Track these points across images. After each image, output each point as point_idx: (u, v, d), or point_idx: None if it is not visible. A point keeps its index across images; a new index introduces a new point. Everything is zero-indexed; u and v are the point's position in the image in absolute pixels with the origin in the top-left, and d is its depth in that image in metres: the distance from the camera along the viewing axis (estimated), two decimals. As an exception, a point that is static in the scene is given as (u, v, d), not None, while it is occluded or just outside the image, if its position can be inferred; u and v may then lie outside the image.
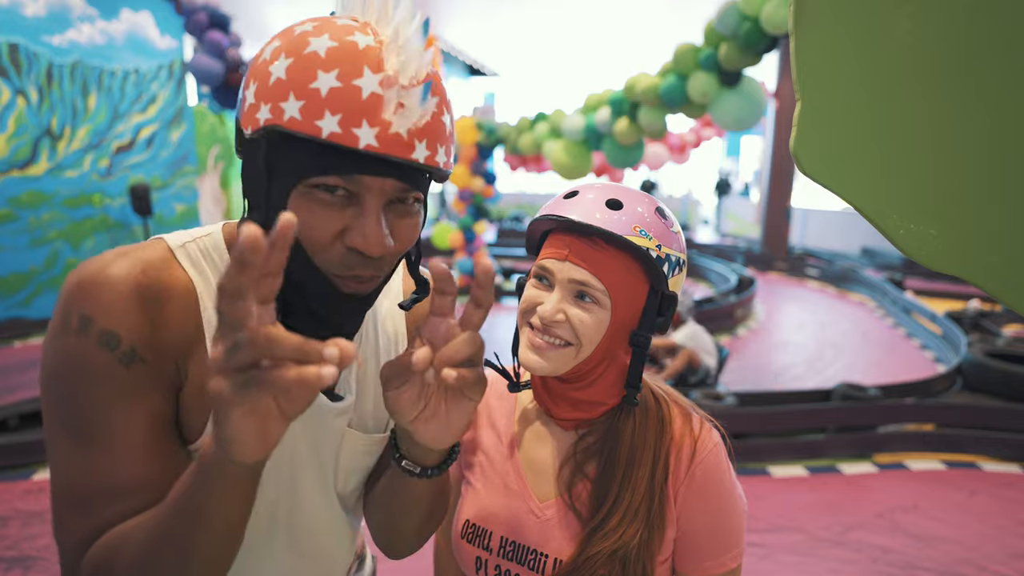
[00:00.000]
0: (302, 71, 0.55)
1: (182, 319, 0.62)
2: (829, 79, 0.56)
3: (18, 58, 5.18)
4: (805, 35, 0.56)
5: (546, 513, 0.78)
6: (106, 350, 0.58)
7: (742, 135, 16.85)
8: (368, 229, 0.57)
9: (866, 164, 0.57)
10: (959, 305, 6.64)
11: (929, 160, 0.55)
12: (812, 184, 0.73)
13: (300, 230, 0.58)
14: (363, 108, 0.55)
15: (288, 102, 0.54)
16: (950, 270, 0.56)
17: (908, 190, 0.56)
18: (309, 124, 0.54)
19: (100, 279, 0.59)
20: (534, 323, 0.74)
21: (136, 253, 0.62)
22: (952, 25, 0.52)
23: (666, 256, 0.73)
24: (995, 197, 0.54)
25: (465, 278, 7.25)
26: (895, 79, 0.55)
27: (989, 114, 0.53)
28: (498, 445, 0.85)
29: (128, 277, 0.59)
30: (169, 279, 0.62)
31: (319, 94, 0.54)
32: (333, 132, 0.54)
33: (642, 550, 0.72)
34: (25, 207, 5.34)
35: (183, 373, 0.63)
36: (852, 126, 0.57)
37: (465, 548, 0.82)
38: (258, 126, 0.56)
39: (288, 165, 0.57)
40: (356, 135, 0.54)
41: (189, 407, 0.64)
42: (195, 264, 0.64)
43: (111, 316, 0.58)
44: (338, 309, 0.62)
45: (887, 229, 0.57)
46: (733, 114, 4.02)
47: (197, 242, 0.66)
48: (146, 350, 0.60)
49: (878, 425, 3.47)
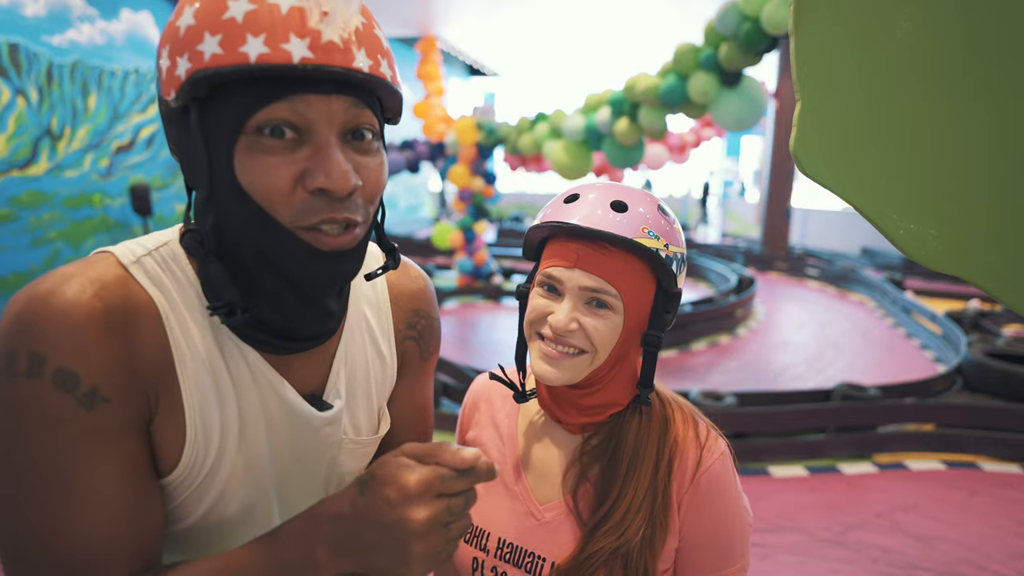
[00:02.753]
0: (211, 8, 0.50)
1: (148, 345, 0.55)
2: (829, 79, 0.56)
3: (18, 58, 5.18)
4: (805, 35, 0.56)
5: (546, 516, 0.78)
6: (63, 392, 0.50)
7: (742, 135, 16.85)
8: (329, 164, 0.52)
9: (866, 164, 0.57)
10: (959, 305, 6.64)
11: (929, 160, 0.55)
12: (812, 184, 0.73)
13: (254, 187, 0.52)
14: (286, 22, 0.50)
15: (204, 42, 0.50)
16: (950, 270, 0.56)
17: (908, 190, 0.56)
18: (233, 53, 0.49)
19: (49, 308, 0.50)
20: (545, 333, 0.73)
21: (86, 274, 0.53)
22: (952, 25, 0.52)
23: (673, 254, 0.72)
24: (995, 197, 0.54)
25: (465, 278, 7.25)
26: (895, 79, 0.55)
27: (989, 114, 0.53)
28: (499, 445, 0.85)
29: (81, 303, 0.51)
30: (128, 301, 0.54)
31: (235, 22, 0.49)
32: (261, 53, 0.49)
33: (644, 549, 0.71)
34: (25, 207, 5.34)
35: (153, 404, 0.56)
36: (852, 126, 0.57)
37: (461, 548, 0.81)
38: (180, 83, 0.51)
39: (223, 119, 0.52)
40: (287, 51, 0.49)
41: (161, 438, 0.57)
42: (154, 280, 0.57)
43: (66, 352, 0.50)
44: (323, 273, 0.56)
45: (887, 229, 0.57)
46: (733, 114, 4.02)
47: (152, 255, 0.58)
48: (110, 388, 0.52)
49: (878, 425, 3.47)
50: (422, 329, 0.78)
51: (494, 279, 7.45)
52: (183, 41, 0.51)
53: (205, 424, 0.59)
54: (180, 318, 0.58)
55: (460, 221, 7.33)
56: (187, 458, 0.58)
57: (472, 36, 11.68)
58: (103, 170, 5.97)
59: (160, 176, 6.57)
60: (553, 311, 0.72)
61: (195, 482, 0.60)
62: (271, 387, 0.63)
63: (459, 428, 0.92)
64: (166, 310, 0.57)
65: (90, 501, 0.52)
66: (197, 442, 0.58)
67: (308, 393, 0.66)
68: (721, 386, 4.17)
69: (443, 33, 11.18)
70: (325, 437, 0.67)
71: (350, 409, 0.71)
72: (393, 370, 0.76)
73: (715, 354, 5.33)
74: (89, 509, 0.52)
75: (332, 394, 0.68)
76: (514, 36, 11.50)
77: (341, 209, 0.54)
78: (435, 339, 0.81)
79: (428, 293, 0.79)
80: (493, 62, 14.19)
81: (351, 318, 0.70)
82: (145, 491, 0.56)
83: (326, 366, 0.68)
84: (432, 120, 8.26)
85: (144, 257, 0.58)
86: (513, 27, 10.79)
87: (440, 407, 3.68)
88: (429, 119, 8.34)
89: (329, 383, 0.68)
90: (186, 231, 0.58)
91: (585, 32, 11.03)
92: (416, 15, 9.96)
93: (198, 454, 0.59)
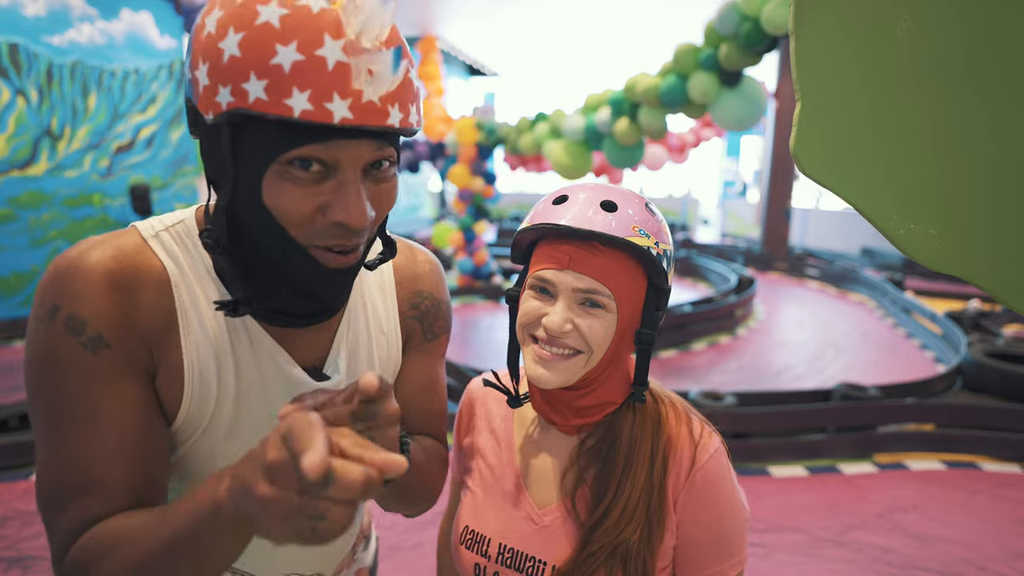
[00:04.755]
0: (258, 46, 0.51)
1: (155, 305, 0.62)
2: (829, 79, 0.56)
3: (18, 58, 5.18)
4: (805, 35, 0.56)
5: (544, 520, 0.77)
6: (71, 336, 0.58)
7: (742, 135, 16.85)
8: (350, 202, 0.56)
9: (866, 164, 0.57)
10: (959, 305, 6.64)
11: (929, 160, 0.55)
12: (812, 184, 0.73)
13: (277, 210, 0.56)
14: (332, 80, 0.52)
15: (250, 83, 0.51)
16: (950, 270, 0.56)
17: (908, 190, 0.56)
18: (278, 104, 0.51)
19: (72, 268, 0.59)
20: (539, 336, 0.73)
21: (111, 241, 0.62)
22: (952, 25, 0.52)
23: (663, 251, 0.72)
24: (995, 197, 0.54)
25: (465, 278, 7.25)
26: (895, 79, 0.55)
27: (989, 114, 0.53)
28: (496, 450, 0.84)
29: (99, 264, 0.59)
30: (142, 266, 0.61)
31: (282, 71, 0.51)
32: (305, 110, 0.51)
33: (642, 548, 0.71)
34: (25, 207, 5.34)
35: (156, 360, 0.63)
36: (852, 126, 0.57)
37: (464, 554, 0.81)
38: (220, 110, 0.53)
39: (258, 146, 0.54)
40: (329, 110, 0.52)
41: (162, 394, 0.63)
42: (168, 251, 0.64)
43: (78, 302, 0.58)
44: (326, 285, 0.62)
45: (887, 229, 0.57)
46: (733, 114, 4.02)
47: (170, 230, 0.65)
48: (114, 336, 0.59)
49: (878, 425, 3.47)
50: (425, 309, 0.81)
51: (494, 279, 7.45)
52: (227, 71, 0.52)
53: (203, 383, 0.64)
54: (188, 286, 0.64)
55: (460, 221, 7.33)
56: (184, 410, 0.64)
57: (472, 36, 11.68)
58: (103, 170, 5.97)
59: (160, 176, 6.57)
60: (546, 313, 0.72)
61: (194, 434, 0.66)
62: (269, 356, 0.68)
63: (456, 432, 0.92)
64: (176, 278, 0.63)
65: (90, 434, 0.59)
66: (194, 399, 0.64)
67: (309, 366, 0.71)
68: (721, 386, 4.17)
69: (443, 33, 11.18)
70: None
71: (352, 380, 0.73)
72: (398, 350, 0.80)
73: (715, 354, 5.33)
74: (89, 441, 0.59)
75: (332, 368, 0.72)
76: (514, 36, 11.50)
77: (352, 237, 0.59)
78: (441, 320, 0.84)
79: (434, 276, 0.83)
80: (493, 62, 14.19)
81: (354, 298, 0.74)
82: (144, 432, 0.61)
83: (328, 341, 0.73)
84: (432, 120, 8.27)
85: (162, 231, 0.65)
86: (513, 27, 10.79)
87: (440, 407, 3.67)
88: (429, 119, 8.34)
89: (330, 357, 0.73)
90: (203, 229, 0.62)
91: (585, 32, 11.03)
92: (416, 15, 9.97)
93: (194, 408, 0.65)
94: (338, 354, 0.72)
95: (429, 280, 0.82)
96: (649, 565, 0.72)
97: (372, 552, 0.95)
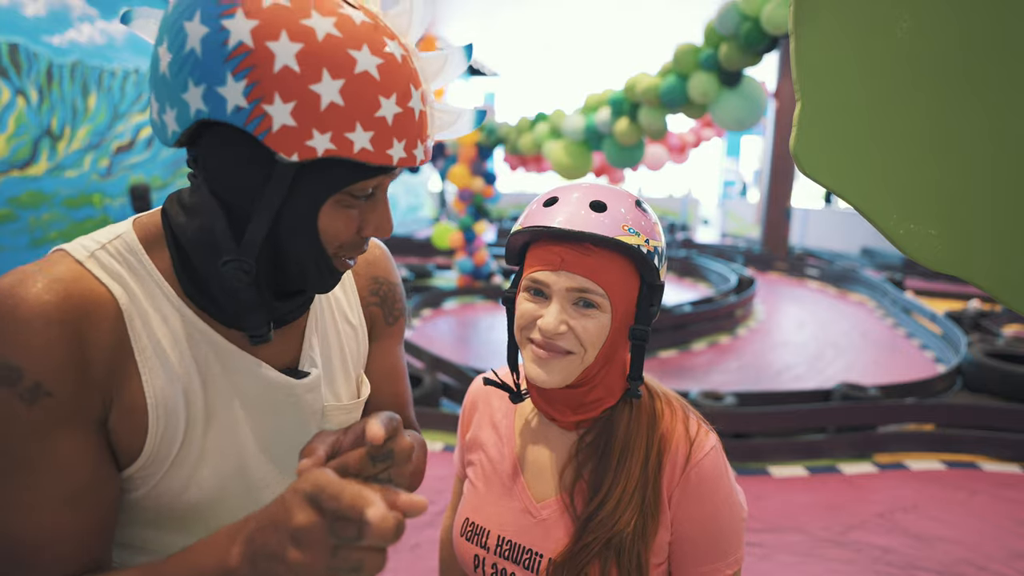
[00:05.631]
0: (363, 97, 0.52)
1: (103, 339, 0.56)
2: (829, 79, 0.56)
3: (18, 58, 5.18)
4: (805, 35, 0.56)
5: (542, 513, 0.79)
6: (5, 387, 0.52)
7: (742, 135, 16.85)
8: (385, 219, 0.62)
9: (866, 164, 0.57)
10: (959, 305, 6.64)
11: (929, 160, 0.55)
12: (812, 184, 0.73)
13: (328, 231, 0.59)
14: (419, 129, 0.57)
15: (356, 133, 0.52)
16: (950, 270, 0.56)
17: (908, 190, 0.56)
18: (381, 155, 0.54)
19: (3, 306, 0.52)
20: (534, 338, 0.74)
21: (41, 271, 0.55)
22: (952, 24, 0.52)
23: (654, 249, 0.73)
24: (995, 197, 0.54)
25: (465, 278, 7.25)
26: (895, 79, 0.55)
27: (989, 114, 0.53)
28: (498, 444, 0.86)
29: (30, 299, 0.53)
30: (83, 294, 0.55)
31: (386, 123, 0.53)
32: (401, 158, 0.56)
33: (636, 539, 0.72)
34: (25, 207, 5.34)
35: (109, 399, 0.57)
36: (852, 126, 0.57)
37: (464, 546, 0.83)
38: (313, 155, 0.51)
39: (325, 181, 0.56)
40: (416, 156, 0.57)
41: (122, 429, 0.58)
42: (111, 273, 0.58)
43: (12, 347, 0.52)
44: (328, 283, 0.65)
45: (887, 229, 0.57)
46: (733, 114, 4.02)
47: (106, 248, 0.59)
48: (55, 382, 0.53)
49: (878, 425, 3.47)
50: (384, 294, 0.83)
51: (494, 279, 7.45)
52: (326, 118, 0.51)
53: (169, 414, 0.60)
54: (140, 309, 0.59)
55: (460, 221, 7.33)
56: (150, 447, 0.59)
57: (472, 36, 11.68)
58: (103, 170, 5.97)
59: (160, 176, 6.57)
60: (541, 315, 0.73)
61: (162, 469, 0.61)
62: (242, 368, 0.65)
63: (460, 428, 0.94)
64: (125, 302, 0.58)
65: (34, 489, 0.54)
66: (160, 432, 0.60)
67: (283, 368, 0.69)
68: (721, 386, 4.17)
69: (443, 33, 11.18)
70: (307, 405, 0.70)
71: (328, 377, 0.73)
72: (364, 337, 0.80)
73: (715, 354, 5.33)
74: (33, 496, 0.54)
75: (307, 363, 0.71)
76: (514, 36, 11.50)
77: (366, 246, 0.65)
78: (399, 303, 0.85)
79: (385, 260, 0.84)
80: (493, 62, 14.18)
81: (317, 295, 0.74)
82: (92, 482, 0.56)
83: (298, 340, 0.71)
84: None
85: (98, 251, 0.58)
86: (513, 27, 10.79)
87: (440, 407, 3.68)
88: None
89: (303, 355, 0.71)
90: (227, 260, 0.57)
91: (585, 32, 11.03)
92: (416, 15, 9.93)
93: (162, 442, 0.60)
94: (311, 349, 0.71)
95: (383, 265, 0.83)
96: (643, 558, 0.73)
97: None
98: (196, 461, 0.63)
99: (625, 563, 0.72)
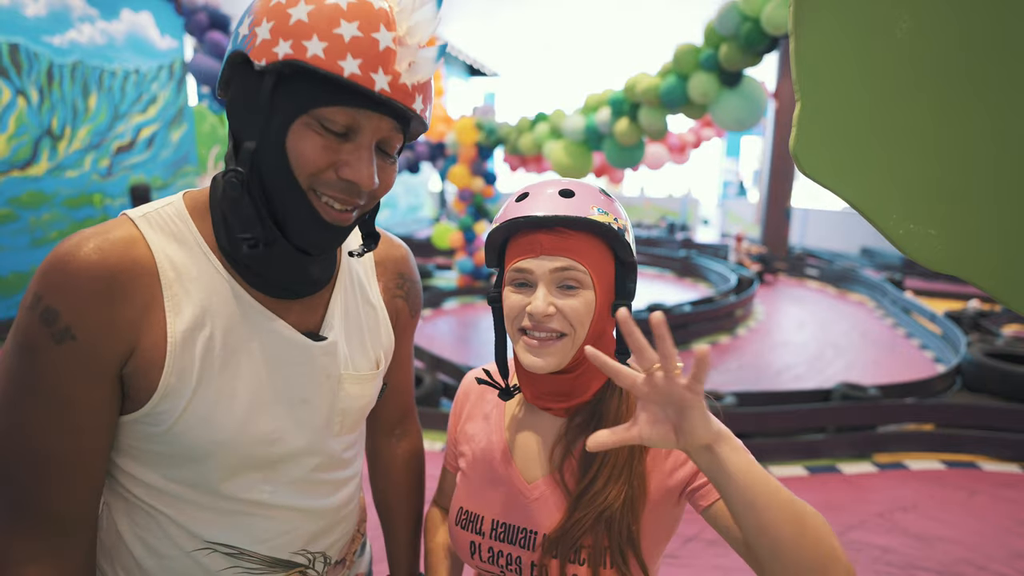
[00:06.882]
0: (325, 17, 0.60)
1: (140, 295, 0.65)
2: (829, 79, 0.56)
3: (19, 58, 5.18)
4: (805, 35, 0.56)
5: (534, 493, 0.81)
6: (44, 326, 0.62)
7: (742, 135, 16.85)
8: (363, 164, 0.65)
9: (866, 164, 0.57)
10: (959, 305, 6.64)
11: (929, 160, 0.55)
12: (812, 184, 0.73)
13: (296, 154, 0.63)
14: (380, 57, 0.61)
15: (311, 41, 0.59)
16: (950, 270, 0.56)
17: (908, 190, 0.56)
18: (332, 63, 0.59)
19: (59, 262, 0.62)
20: (525, 325, 0.77)
21: (98, 234, 0.64)
22: (952, 25, 0.53)
23: (623, 227, 0.77)
24: (995, 197, 0.54)
25: (465, 278, 7.25)
26: (895, 79, 0.55)
27: (989, 114, 0.53)
28: (488, 434, 0.88)
29: (84, 259, 0.62)
30: (127, 257, 0.64)
31: (342, 39, 0.60)
32: (354, 73, 0.60)
33: (625, 511, 0.75)
34: (25, 207, 5.34)
35: (133, 343, 0.65)
36: (852, 126, 0.57)
37: (459, 534, 0.85)
38: (275, 59, 0.60)
39: (295, 98, 0.62)
40: (373, 79, 0.61)
41: (137, 371, 0.66)
42: (161, 229, 0.68)
43: (56, 295, 0.62)
44: (318, 235, 0.68)
45: (887, 229, 0.57)
46: (733, 114, 4.02)
47: (160, 212, 0.69)
48: (82, 331, 0.62)
49: (878, 425, 3.47)
50: (408, 290, 0.92)
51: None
52: (291, 30, 0.60)
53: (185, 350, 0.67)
54: (177, 264, 0.68)
55: (460, 221, 7.33)
56: (165, 380, 0.67)
57: (472, 36, 11.68)
58: (103, 170, 5.97)
59: (160, 176, 6.57)
60: (529, 302, 0.76)
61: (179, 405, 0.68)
62: (264, 324, 0.72)
63: (451, 419, 0.96)
64: (161, 258, 0.66)
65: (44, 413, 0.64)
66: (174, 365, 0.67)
67: (305, 331, 0.76)
68: (721, 386, 4.17)
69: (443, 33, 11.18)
70: (322, 368, 0.76)
71: (349, 345, 0.80)
72: (386, 320, 0.87)
73: (715, 354, 5.32)
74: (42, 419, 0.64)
75: (327, 331, 0.77)
76: (514, 36, 11.50)
77: (353, 195, 0.67)
78: (419, 299, 0.96)
79: (410, 260, 0.93)
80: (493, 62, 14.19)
81: (343, 273, 0.81)
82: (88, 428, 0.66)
83: (322, 309, 0.78)
84: (432, 120, 8.27)
85: (151, 213, 0.69)
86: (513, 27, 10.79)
87: (440, 407, 3.68)
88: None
89: (325, 322, 0.78)
90: (228, 170, 0.66)
91: (585, 32, 11.03)
92: (416, 15, 9.94)
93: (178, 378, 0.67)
94: (332, 318, 0.78)
95: (408, 264, 0.92)
96: (633, 529, 0.76)
97: (367, 559, 0.98)
98: (212, 404, 0.69)
99: (615, 535, 0.75)
